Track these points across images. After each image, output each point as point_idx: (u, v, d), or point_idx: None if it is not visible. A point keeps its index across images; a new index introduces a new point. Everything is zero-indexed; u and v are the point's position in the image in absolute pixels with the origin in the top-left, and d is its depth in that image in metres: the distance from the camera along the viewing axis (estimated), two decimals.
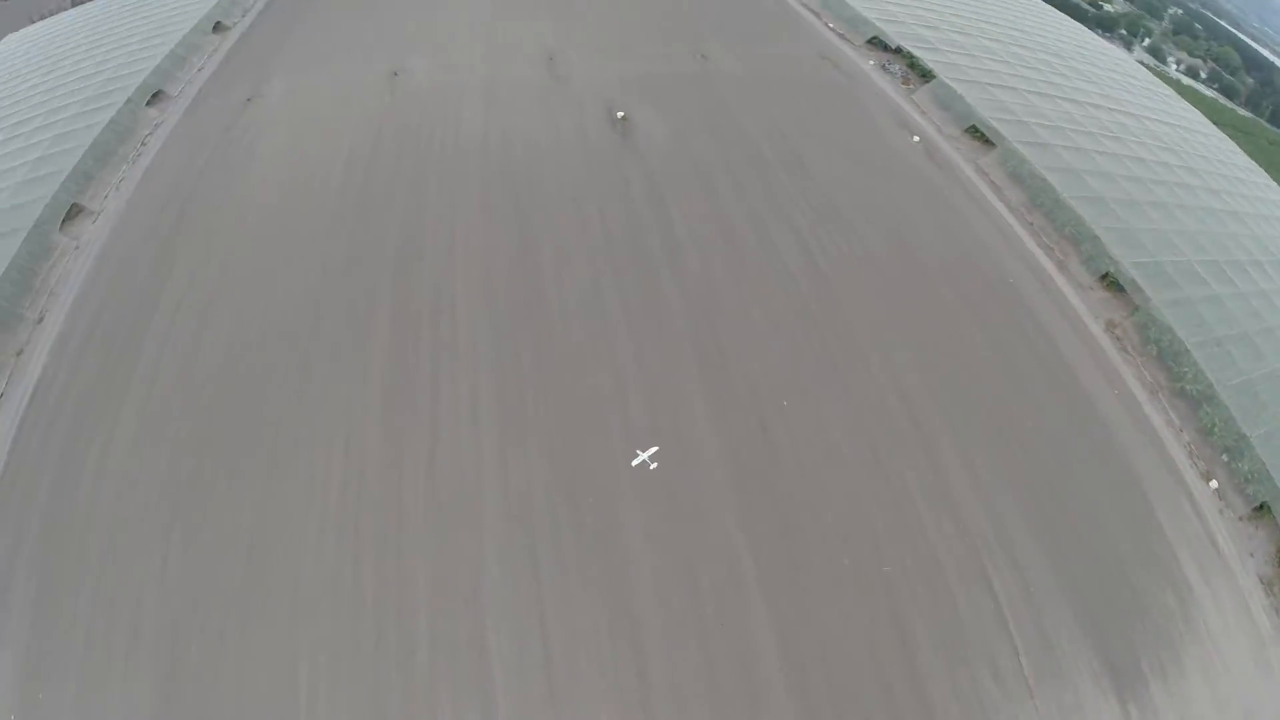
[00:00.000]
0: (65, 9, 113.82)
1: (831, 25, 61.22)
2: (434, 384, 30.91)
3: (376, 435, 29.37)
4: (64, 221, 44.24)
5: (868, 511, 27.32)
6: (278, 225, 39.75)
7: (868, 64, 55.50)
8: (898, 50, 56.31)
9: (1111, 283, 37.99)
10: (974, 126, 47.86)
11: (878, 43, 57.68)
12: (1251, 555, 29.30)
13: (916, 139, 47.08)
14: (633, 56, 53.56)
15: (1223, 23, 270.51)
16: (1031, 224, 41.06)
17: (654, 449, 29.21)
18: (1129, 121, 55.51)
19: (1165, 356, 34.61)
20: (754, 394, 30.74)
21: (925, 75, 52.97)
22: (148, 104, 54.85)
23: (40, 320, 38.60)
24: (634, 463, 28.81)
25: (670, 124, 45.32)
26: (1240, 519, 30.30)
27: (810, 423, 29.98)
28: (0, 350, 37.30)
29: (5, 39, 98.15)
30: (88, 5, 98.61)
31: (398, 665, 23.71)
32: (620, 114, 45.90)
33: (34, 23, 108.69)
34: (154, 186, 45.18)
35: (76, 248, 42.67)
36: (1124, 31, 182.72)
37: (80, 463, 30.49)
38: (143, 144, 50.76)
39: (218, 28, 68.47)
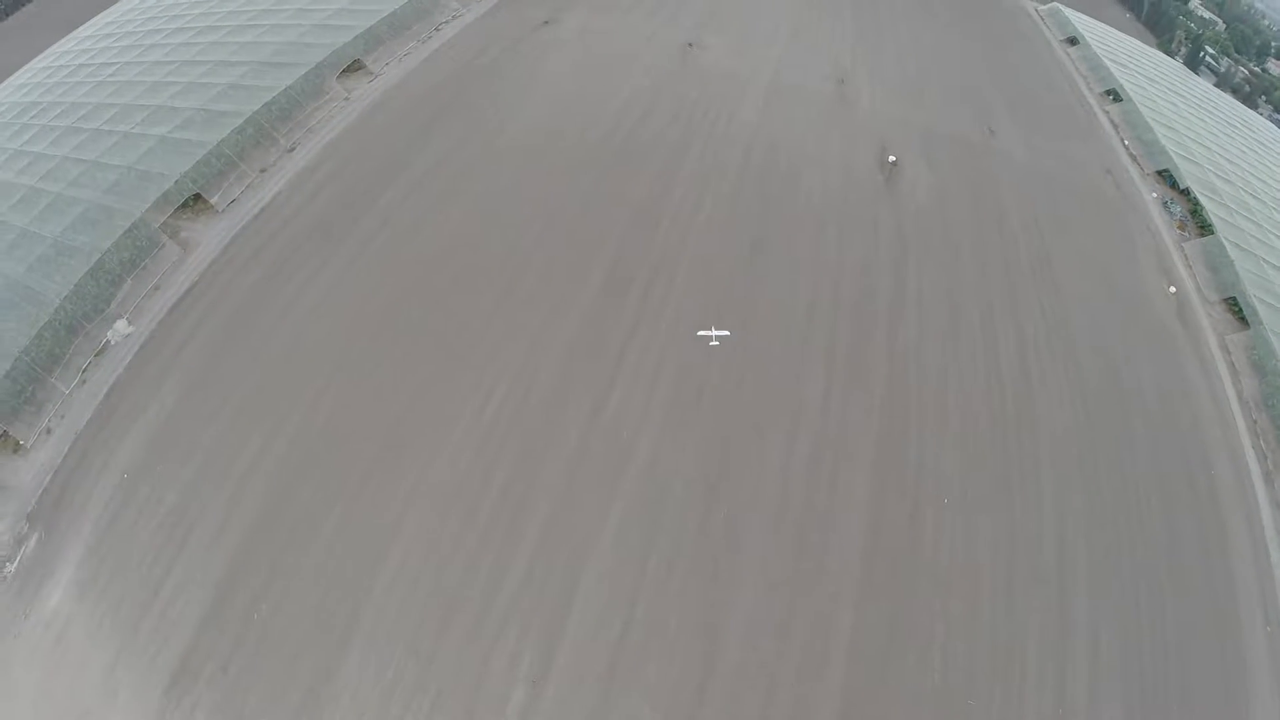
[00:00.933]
0: None
1: (1126, 142, 57.10)
2: (625, 345, 30.34)
3: (552, 370, 29.07)
4: (343, 72, 46.31)
5: (978, 639, 25.01)
6: (536, 145, 40.19)
7: (1150, 195, 51.11)
8: (1185, 191, 51.94)
9: None
10: (1234, 299, 43.42)
11: (1166, 176, 53.16)
12: None
13: (1173, 290, 42.79)
14: (922, 105, 51.60)
15: None
16: (1255, 422, 36.34)
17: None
18: None
19: None
20: (919, 478, 28.52)
21: (1204, 227, 48.36)
22: None
23: (292, 150, 40.42)
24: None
25: (937, 184, 43.18)
26: None
27: (961, 529, 27.53)
28: (247, 163, 39.27)
29: None
30: None
31: (485, 585, 23.47)
32: (892, 158, 44.16)
33: None
34: (435, 69, 46.79)
35: (347, 99, 44.47)
36: None
37: (283, 282, 31.99)
38: (437, 29, 52.62)
39: None
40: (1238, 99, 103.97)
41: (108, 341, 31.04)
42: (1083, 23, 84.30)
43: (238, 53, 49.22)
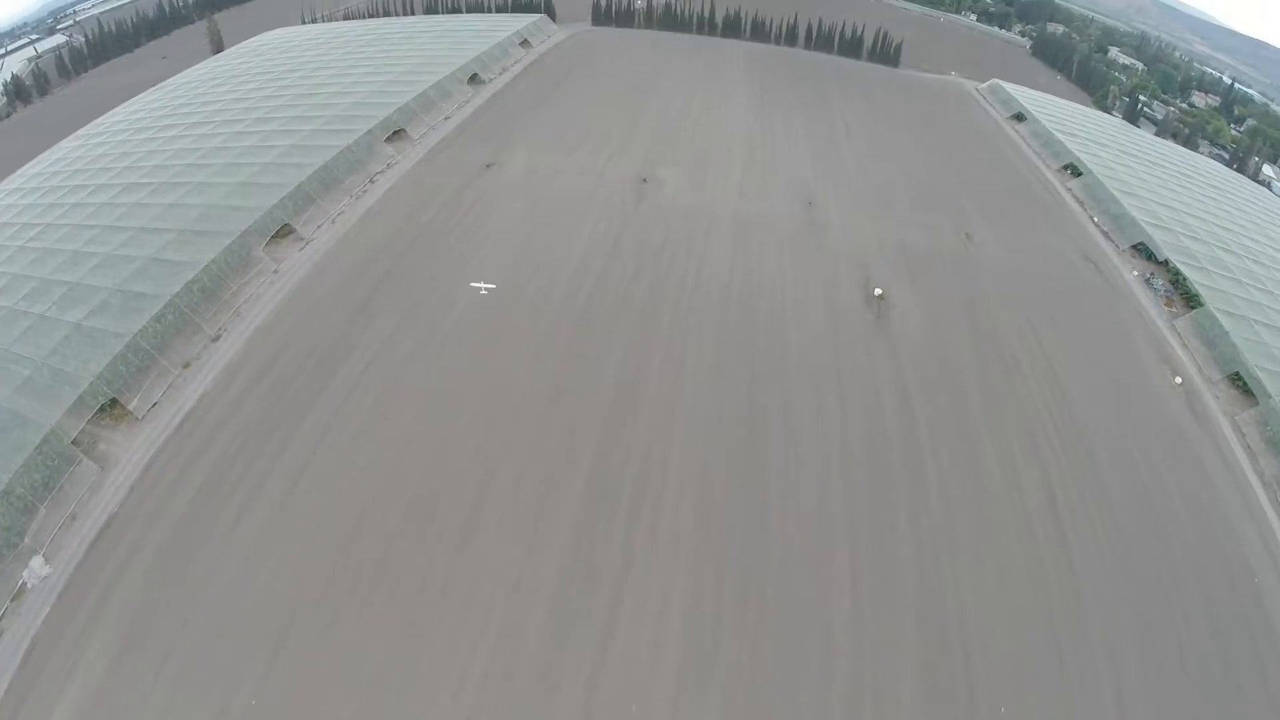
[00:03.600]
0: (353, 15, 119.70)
1: (1095, 219, 56.47)
2: (620, 581, 25.97)
3: (537, 625, 24.63)
4: (271, 239, 42.85)
5: None
6: (490, 321, 36.44)
7: (1131, 274, 49.91)
8: (1164, 263, 50.86)
9: None
10: (1237, 373, 41.71)
11: (1143, 249, 52.42)
12: None
13: (1178, 380, 41.00)
14: (894, 218, 49.47)
15: None
16: None
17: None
18: None
19: None
20: (971, 686, 24.84)
21: (1190, 298, 47.68)
22: (387, 139, 54.35)
23: (217, 338, 36.70)
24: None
25: (928, 312, 40.51)
26: None
27: None
28: (168, 357, 35.35)
29: (278, 30, 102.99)
30: (363, 23, 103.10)
31: None
32: (878, 291, 41.48)
33: (314, 21, 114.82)
34: (371, 231, 43.39)
35: (276, 271, 40.84)
36: None
37: (213, 517, 27.60)
38: (372, 181, 49.73)
39: (473, 80, 69.01)
40: (1179, 143, 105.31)
41: (24, 584, 26.84)
42: (1025, 96, 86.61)
43: (160, 217, 45.55)
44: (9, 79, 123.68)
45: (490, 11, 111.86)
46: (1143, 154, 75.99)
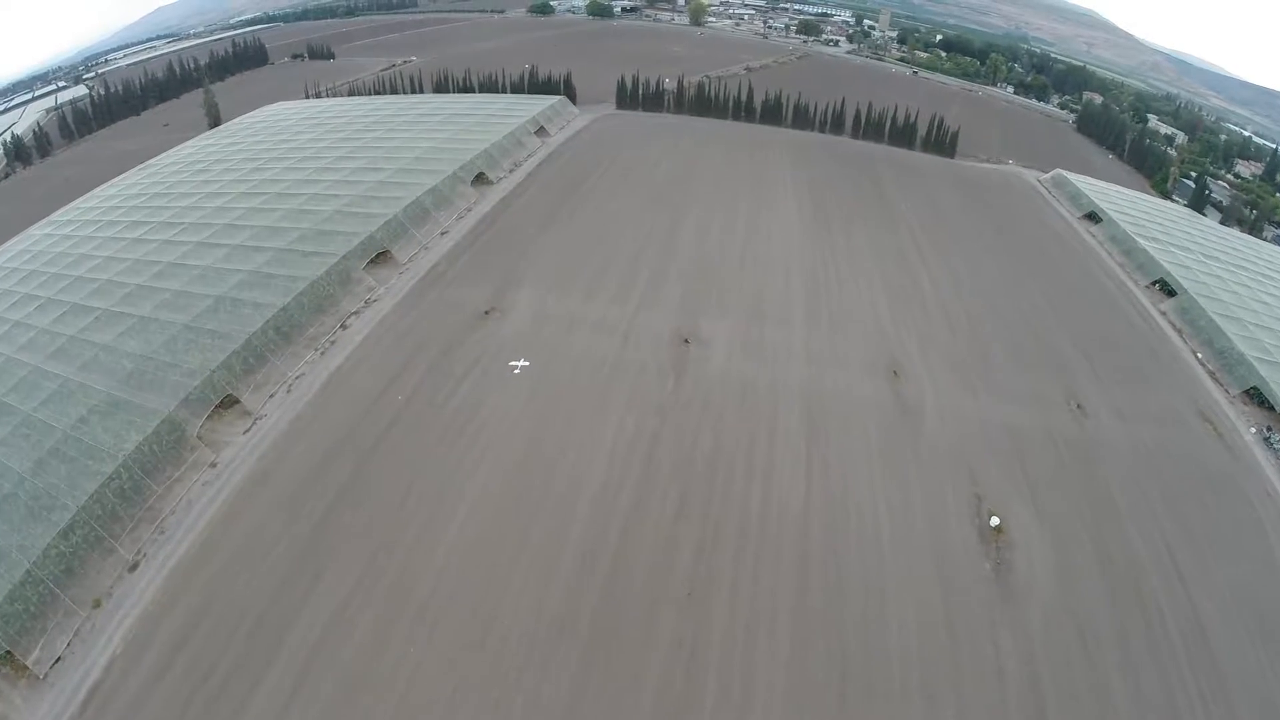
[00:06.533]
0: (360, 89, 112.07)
1: (1200, 355, 50.34)
2: None
3: None
4: (211, 412, 34.57)
5: None
6: (481, 588, 27.10)
7: (1249, 432, 42.75)
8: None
9: None
10: None
11: (1254, 393, 46.45)
12: None
13: None
14: (994, 386, 41.27)
15: None
16: None
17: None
18: None
19: None
20: None
21: None
22: (368, 266, 46.24)
23: (134, 568, 28.67)
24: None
25: (1055, 550, 31.49)
26: None
27: None
28: (76, 590, 27.73)
29: (276, 106, 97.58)
30: (366, 101, 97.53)
31: None
32: (995, 520, 32.68)
33: (318, 95, 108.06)
34: (336, 406, 34.94)
35: (213, 465, 32.46)
36: None
37: None
38: (344, 325, 41.47)
39: (479, 179, 61.30)
40: (1245, 228, 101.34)
41: None
42: (1092, 190, 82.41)
43: (94, 362, 38.37)
44: (9, 139, 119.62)
45: (505, 90, 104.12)
46: (1224, 255, 71.90)
